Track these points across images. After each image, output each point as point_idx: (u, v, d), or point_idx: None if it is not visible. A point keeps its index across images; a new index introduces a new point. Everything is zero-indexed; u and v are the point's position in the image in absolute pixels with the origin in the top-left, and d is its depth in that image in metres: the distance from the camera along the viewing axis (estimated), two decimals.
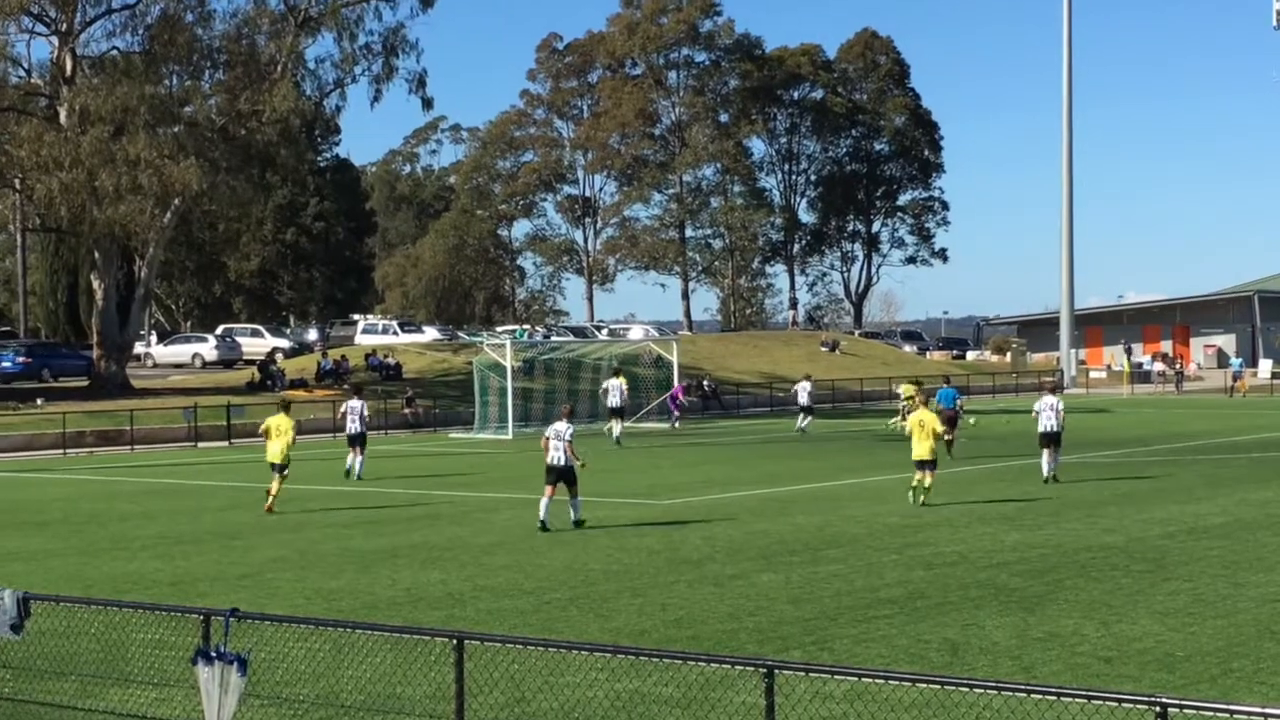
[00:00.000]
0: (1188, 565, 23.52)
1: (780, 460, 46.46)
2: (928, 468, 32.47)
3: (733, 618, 19.71)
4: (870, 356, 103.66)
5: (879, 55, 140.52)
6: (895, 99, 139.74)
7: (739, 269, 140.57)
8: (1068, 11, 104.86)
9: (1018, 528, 28.51)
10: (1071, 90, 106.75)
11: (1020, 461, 43.68)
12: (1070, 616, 19.41)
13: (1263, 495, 33.68)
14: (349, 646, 15.39)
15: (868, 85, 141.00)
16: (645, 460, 46.29)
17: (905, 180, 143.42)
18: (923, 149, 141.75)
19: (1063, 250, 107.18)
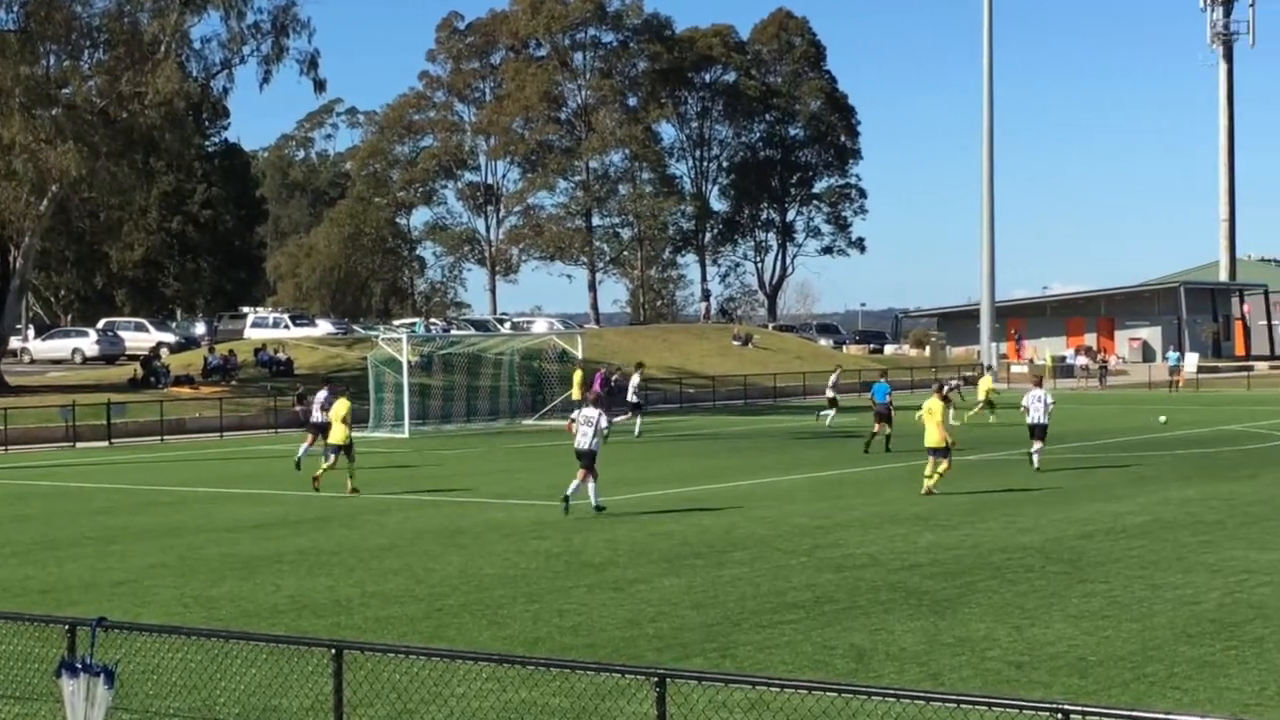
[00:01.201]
0: (1105, 566, 23.75)
1: (689, 459, 46.56)
2: (937, 455, 34.14)
3: (632, 624, 19.74)
4: (784, 350, 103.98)
5: (794, 37, 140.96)
6: (811, 82, 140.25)
7: (649, 259, 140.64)
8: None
9: (932, 528, 28.70)
10: (992, 76, 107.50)
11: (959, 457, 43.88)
12: (982, 620, 19.57)
13: (1184, 494, 34.05)
14: (226, 657, 15.29)
15: (782, 68, 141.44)
16: (547, 460, 46.22)
17: (821, 167, 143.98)
18: (839, 134, 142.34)
19: (983, 240, 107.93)
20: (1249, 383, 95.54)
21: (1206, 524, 28.82)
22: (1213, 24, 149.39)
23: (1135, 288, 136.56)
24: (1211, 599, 20.87)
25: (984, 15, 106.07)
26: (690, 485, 37.77)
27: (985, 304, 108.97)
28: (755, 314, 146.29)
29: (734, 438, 55.20)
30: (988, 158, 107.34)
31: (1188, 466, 41.05)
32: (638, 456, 47.31)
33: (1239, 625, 19.06)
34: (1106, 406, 73.90)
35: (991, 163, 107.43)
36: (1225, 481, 36.73)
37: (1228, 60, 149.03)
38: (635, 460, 45.96)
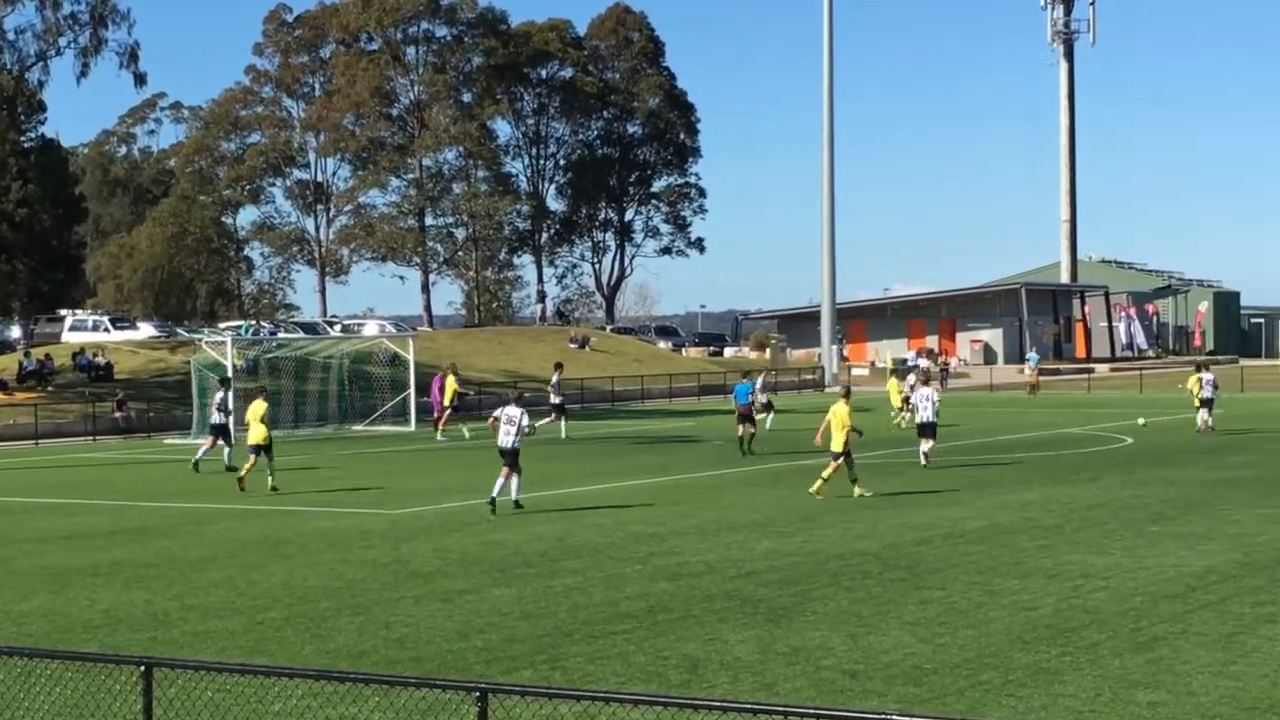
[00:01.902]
0: (942, 572, 23.98)
1: (524, 464, 46.30)
2: (837, 459, 34.59)
3: (461, 636, 19.64)
4: (622, 353, 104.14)
5: (631, 32, 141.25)
6: (649, 79, 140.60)
7: (484, 260, 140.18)
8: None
9: (769, 534, 28.84)
10: (832, 74, 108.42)
11: (796, 462, 44.24)
12: (818, 628, 19.68)
13: (1023, 498, 34.48)
14: (32, 676, 14.99)
15: (620, 64, 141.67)
16: (377, 467, 45.94)
17: (660, 165, 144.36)
18: (678, 132, 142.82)
19: (824, 241, 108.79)
20: (1089, 385, 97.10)
21: (1045, 528, 29.20)
22: (1053, 22, 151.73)
23: (977, 289, 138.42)
24: (1048, 604, 21.14)
25: (824, 13, 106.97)
26: (523, 492, 37.60)
27: (826, 306, 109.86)
28: (593, 316, 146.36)
29: (570, 443, 55.10)
30: (828, 157, 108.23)
31: (1027, 470, 41.60)
32: (469, 463, 47.12)
33: (1075, 631, 19.32)
34: (948, 410, 74.38)
35: (832, 162, 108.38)
36: (1064, 485, 37.25)
37: (1068, 59, 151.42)
38: (466, 467, 45.78)
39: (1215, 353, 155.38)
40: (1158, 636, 18.93)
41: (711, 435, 58.62)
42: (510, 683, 15.68)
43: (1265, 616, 20.04)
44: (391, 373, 69.62)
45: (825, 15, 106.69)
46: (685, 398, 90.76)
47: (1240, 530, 28.47)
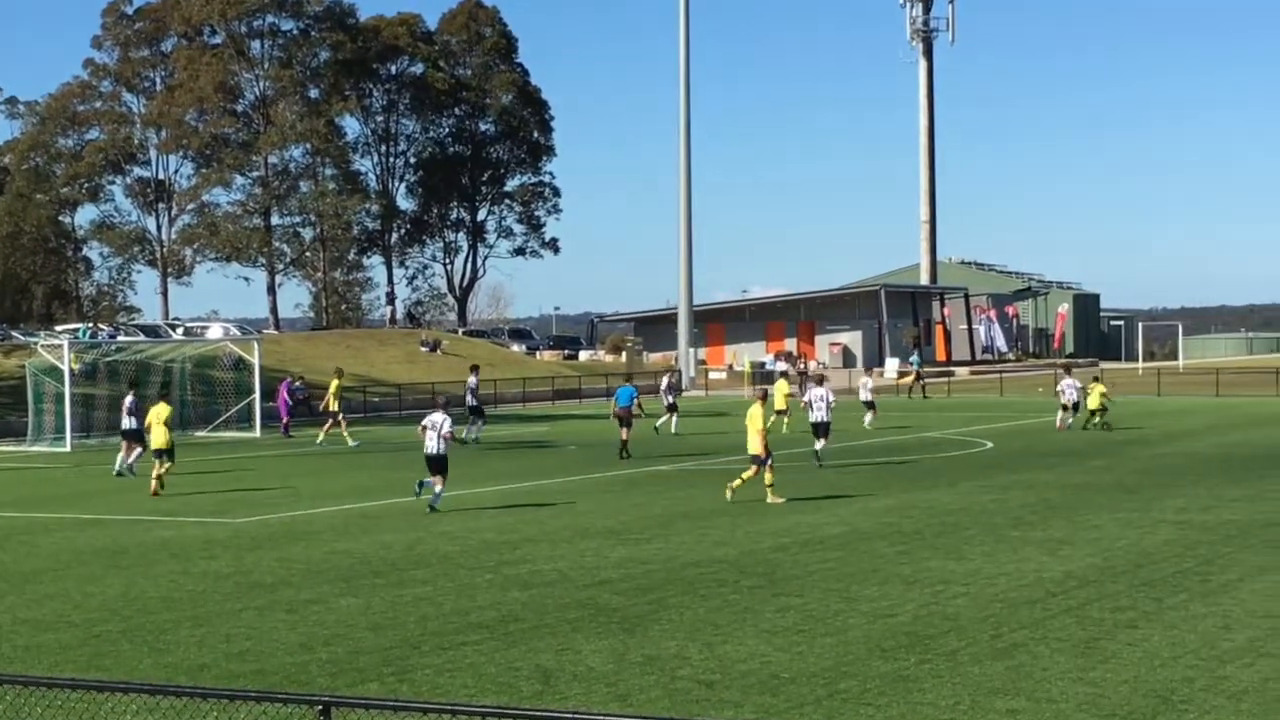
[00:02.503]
0: (800, 580, 24.07)
1: (372, 472, 46.17)
2: (756, 462, 35.10)
3: (305, 648, 19.45)
4: (475, 357, 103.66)
5: (484, 27, 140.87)
6: (502, 75, 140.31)
7: (332, 261, 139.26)
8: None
9: (624, 542, 28.83)
10: (688, 71, 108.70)
11: (654, 468, 44.30)
12: (673, 638, 19.67)
13: (883, 503, 34.70)
14: None
15: (472, 60, 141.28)
16: (219, 474, 45.49)
17: (513, 164, 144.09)
18: (532, 130, 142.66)
19: (680, 242, 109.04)
20: (949, 388, 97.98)
21: (904, 534, 29.40)
22: (912, 20, 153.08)
23: (836, 291, 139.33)
24: (907, 611, 21.26)
25: (680, 10, 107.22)
26: (372, 500, 37.46)
27: (683, 308, 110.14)
28: (445, 318, 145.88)
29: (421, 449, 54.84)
30: (684, 156, 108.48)
31: (887, 475, 41.89)
32: (317, 469, 46.81)
33: (934, 638, 19.44)
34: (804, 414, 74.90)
35: (688, 161, 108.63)
36: (924, 490, 37.54)
37: (928, 58, 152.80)
38: (314, 473, 45.47)
39: (1075, 355, 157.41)
40: (1017, 643, 19.09)
41: (566, 440, 58.61)
42: (355, 696, 15.53)
43: (1125, 622, 20.27)
44: (236, 377, 69.00)
45: (681, 12, 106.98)
46: (539, 402, 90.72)
47: (1100, 534, 28.81)
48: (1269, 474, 40.17)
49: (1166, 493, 35.90)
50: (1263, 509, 32.46)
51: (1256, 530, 29.14)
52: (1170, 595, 22.22)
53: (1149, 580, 23.57)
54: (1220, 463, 44.03)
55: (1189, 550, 26.70)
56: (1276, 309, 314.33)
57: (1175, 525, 30.09)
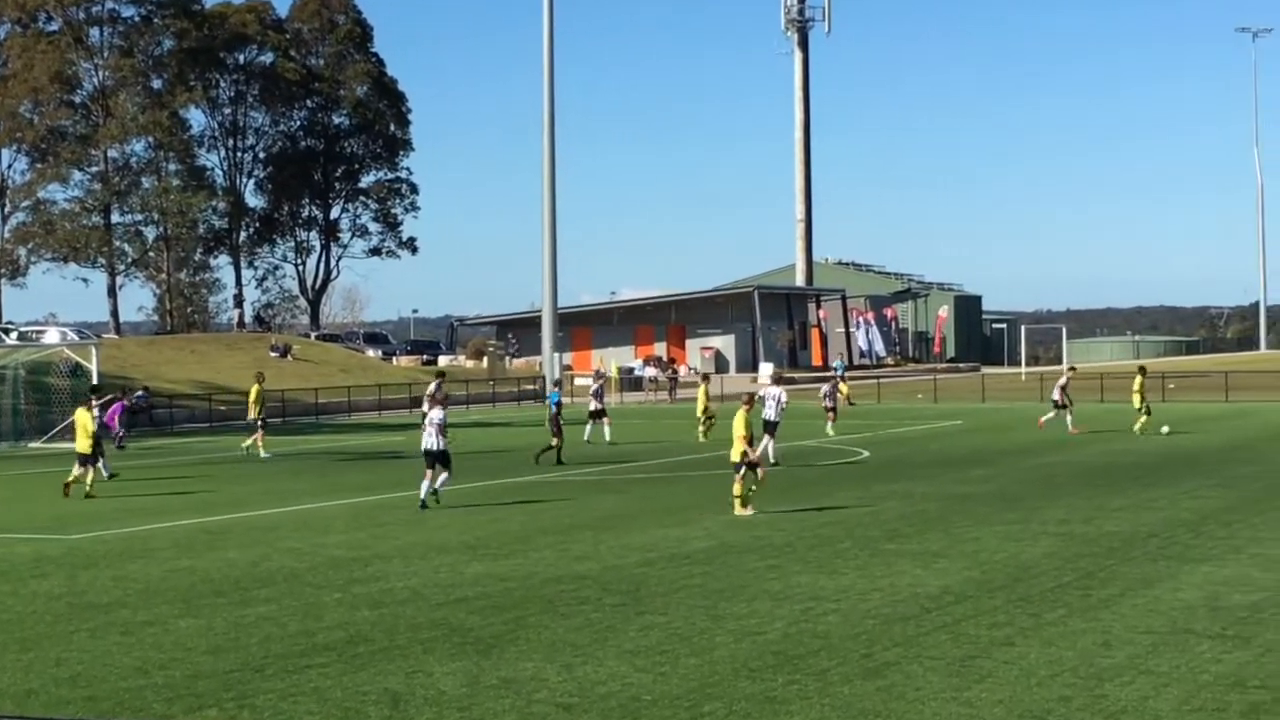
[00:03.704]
0: (665, 597, 24.09)
1: (217, 484, 45.84)
2: (738, 470, 34.96)
3: (140, 672, 19.25)
4: (328, 362, 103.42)
5: (337, 15, 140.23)
6: (356, 65, 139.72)
7: (177, 261, 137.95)
8: None
9: (481, 557, 28.76)
10: (553, 63, 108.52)
11: (513, 479, 44.20)
12: (531, 659, 19.63)
13: (752, 516, 34.76)
14: None
15: (325, 49, 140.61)
16: (55, 487, 44.90)
17: (369, 159, 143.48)
18: (388, 123, 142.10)
19: (545, 242, 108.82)
20: None
21: (775, 547, 29.49)
22: (787, 9, 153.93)
23: (707, 293, 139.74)
24: (776, 629, 21.33)
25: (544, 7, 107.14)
26: (215, 515, 37.16)
27: (548, 311, 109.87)
28: (296, 322, 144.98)
29: (268, 460, 54.52)
30: (549, 151, 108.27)
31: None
32: (158, 483, 46.38)
33: (803, 657, 19.51)
34: (677, 421, 75.28)
35: (553, 156, 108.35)
36: (796, 501, 37.65)
37: (803, 49, 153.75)
38: (155, 487, 45.06)
39: (956, 360, 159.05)
40: (890, 661, 19.20)
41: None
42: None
43: (1001, 639, 20.43)
44: (73, 384, 68.15)
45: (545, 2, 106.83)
46: (396, 410, 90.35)
47: (978, 548, 29.03)
48: (1153, 483, 40.66)
49: (1048, 503, 36.24)
50: (1146, 520, 32.84)
51: (1139, 542, 29.48)
52: (1049, 610, 22.41)
53: (1027, 595, 23.77)
54: (1104, 471, 44.52)
55: (1069, 563, 26.96)
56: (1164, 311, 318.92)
57: (1056, 537, 30.39)
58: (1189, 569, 26.06)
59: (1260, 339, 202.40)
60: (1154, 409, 60.04)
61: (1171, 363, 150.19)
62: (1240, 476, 42.19)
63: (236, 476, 48.51)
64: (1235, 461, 47.05)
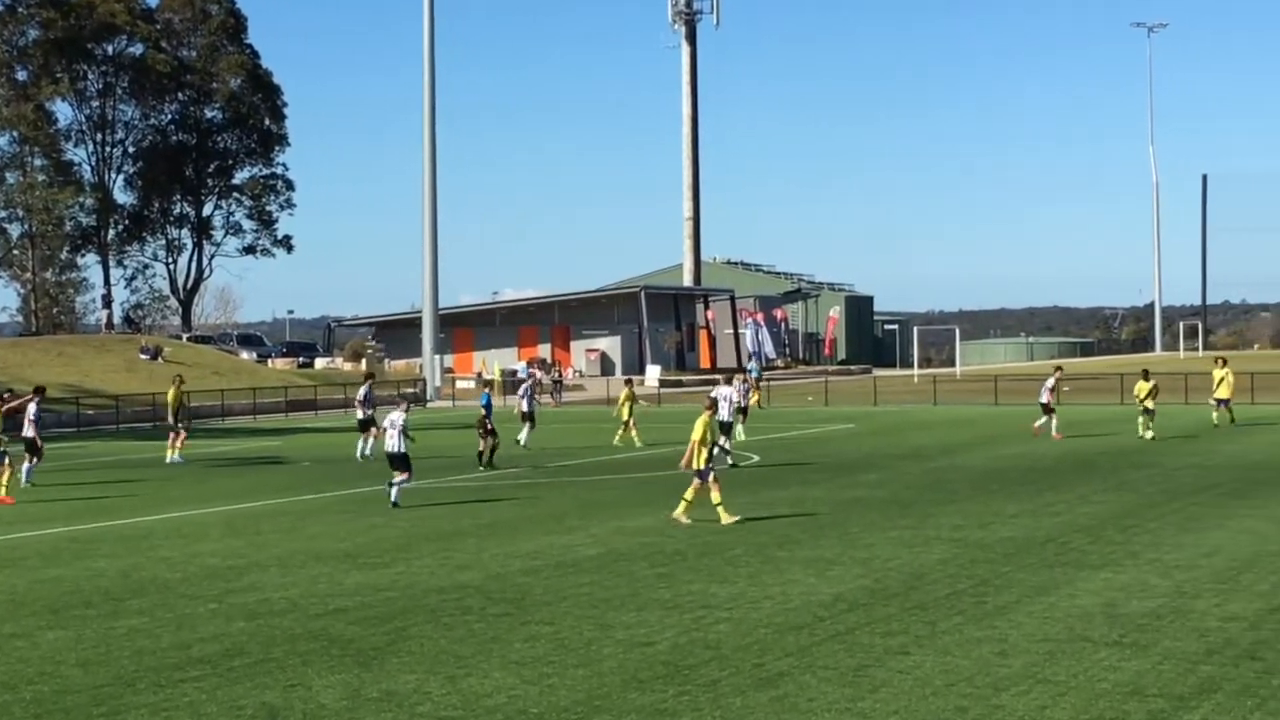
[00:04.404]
0: (551, 606, 24.07)
1: (84, 492, 45.44)
2: (699, 478, 34.37)
3: (7, 687, 19.07)
4: (200, 365, 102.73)
5: (210, 5, 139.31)
6: (230, 57, 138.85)
7: (43, 260, 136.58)
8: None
9: (360, 566, 28.65)
10: (434, 59, 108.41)
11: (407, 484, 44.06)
12: (413, 671, 19.57)
13: (640, 522, 34.80)
14: None
15: (197, 40, 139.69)
16: None
17: (243, 154, 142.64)
18: (262, 118, 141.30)
19: (425, 240, 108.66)
20: None
21: (665, 555, 29.51)
22: (674, 1, 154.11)
23: (593, 293, 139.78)
24: (666, 639, 21.34)
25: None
26: (84, 522, 36.86)
27: (428, 311, 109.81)
28: (167, 323, 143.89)
29: (139, 466, 54.14)
30: (429, 148, 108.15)
31: (646, 491, 42.02)
32: (23, 489, 45.91)
33: (694, 668, 19.53)
34: (563, 425, 75.22)
35: (434, 153, 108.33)
36: None
37: (691, 42, 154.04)
38: (19, 494, 44.60)
39: (848, 361, 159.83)
40: (782, 672, 19.25)
41: (300, 456, 58.17)
42: None
43: (895, 648, 20.52)
44: None
45: None
46: (271, 414, 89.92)
47: (871, 554, 29.16)
48: (1048, 487, 40.97)
49: (942, 509, 36.42)
50: (1042, 525, 33.08)
51: (1035, 548, 29.68)
52: (944, 619, 22.54)
53: (922, 603, 23.89)
54: (998, 476, 44.80)
55: (964, 570, 27.12)
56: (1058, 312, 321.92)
57: (951, 543, 30.55)
58: (1086, 575, 26.28)
59: (1155, 340, 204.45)
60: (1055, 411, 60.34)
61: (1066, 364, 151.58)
62: (1136, 480, 42.59)
63: (106, 483, 48.12)
64: (1131, 465, 47.45)
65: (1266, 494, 38.52)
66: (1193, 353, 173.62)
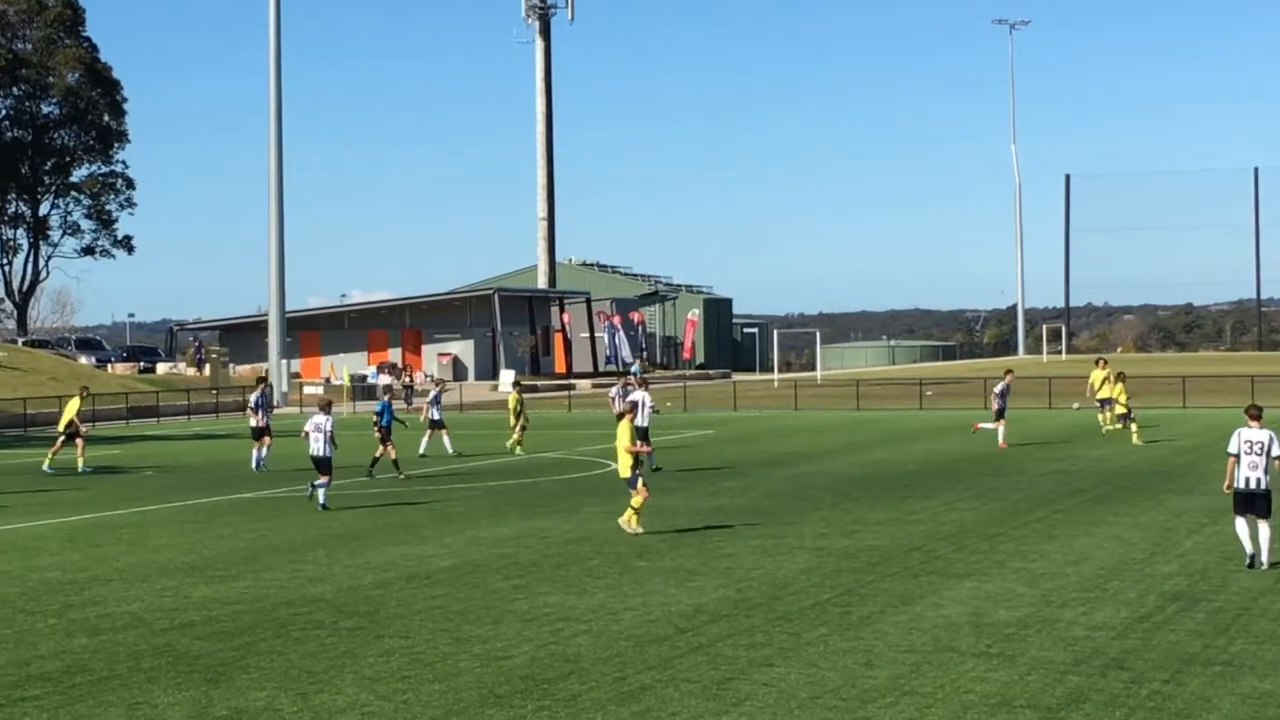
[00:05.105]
0: (405, 619, 23.99)
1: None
2: (631, 485, 33.86)
3: None
4: (36, 370, 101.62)
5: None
6: (67, 50, 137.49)
7: None
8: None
9: (207, 579, 28.44)
10: (280, 54, 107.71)
11: (237, 495, 43.76)
12: (263, 687, 19.45)
13: (496, 532, 34.76)
14: None
15: (33, 33, 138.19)
16: None
17: (81, 151, 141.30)
18: (101, 113, 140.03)
19: (271, 240, 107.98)
20: (570, 403, 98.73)
21: (521, 566, 29.50)
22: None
23: (444, 295, 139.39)
24: (524, 652, 21.33)
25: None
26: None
27: (274, 314, 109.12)
28: (2, 327, 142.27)
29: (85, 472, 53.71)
30: (275, 147, 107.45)
31: (501, 500, 41.99)
32: None
33: (553, 682, 19.53)
34: (414, 433, 74.86)
35: (280, 153, 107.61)
36: (543, 517, 37.68)
37: (545, 37, 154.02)
38: None
39: (707, 366, 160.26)
40: (644, 685, 19.28)
41: (141, 464, 57.65)
42: None
43: (759, 660, 20.60)
44: None
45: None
46: (111, 421, 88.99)
47: (733, 564, 29.25)
48: (912, 494, 41.27)
49: (805, 517, 36.60)
50: (907, 533, 33.32)
51: (899, 557, 29.90)
52: (809, 629, 22.65)
53: (786, 613, 24.00)
54: (861, 483, 45.08)
55: (829, 579, 27.27)
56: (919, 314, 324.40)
57: (814, 552, 30.70)
58: (952, 584, 26.50)
59: (1018, 343, 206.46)
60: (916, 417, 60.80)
61: (929, 369, 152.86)
62: (1001, 487, 42.96)
63: None
64: (994, 472, 47.86)
65: (1131, 500, 39.01)
66: (1056, 356, 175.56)
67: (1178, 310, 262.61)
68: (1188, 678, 19.23)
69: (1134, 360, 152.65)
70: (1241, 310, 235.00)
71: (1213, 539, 29.60)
